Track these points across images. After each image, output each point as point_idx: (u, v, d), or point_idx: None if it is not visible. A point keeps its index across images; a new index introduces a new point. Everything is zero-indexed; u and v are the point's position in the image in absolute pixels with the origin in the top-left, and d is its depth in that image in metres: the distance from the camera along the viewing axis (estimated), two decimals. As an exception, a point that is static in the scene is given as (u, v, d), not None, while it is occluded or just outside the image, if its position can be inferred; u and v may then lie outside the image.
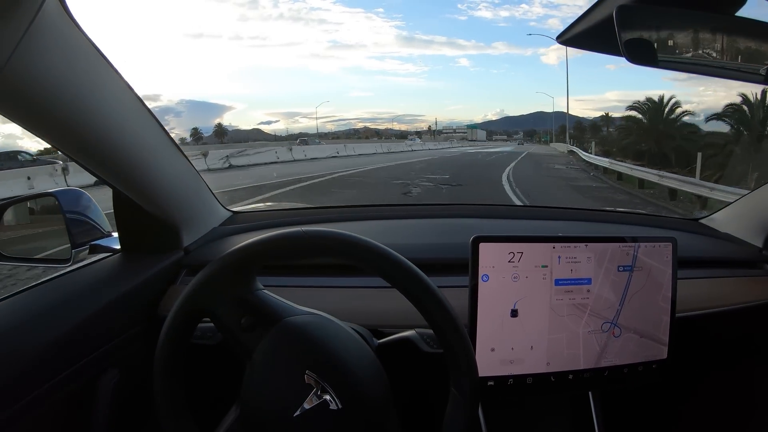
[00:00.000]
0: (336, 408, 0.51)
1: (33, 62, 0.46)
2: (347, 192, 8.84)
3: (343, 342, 0.56)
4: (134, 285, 0.73)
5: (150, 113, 0.69)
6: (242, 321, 0.53)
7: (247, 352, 0.53)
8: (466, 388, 0.52)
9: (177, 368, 0.54)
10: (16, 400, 0.54)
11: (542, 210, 1.18)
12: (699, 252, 0.97)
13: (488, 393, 0.70)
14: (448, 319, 0.52)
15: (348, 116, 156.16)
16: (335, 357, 0.53)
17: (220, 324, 0.54)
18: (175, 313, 0.53)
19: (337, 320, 0.58)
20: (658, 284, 0.74)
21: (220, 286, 0.53)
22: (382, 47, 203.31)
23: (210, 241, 0.91)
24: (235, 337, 0.54)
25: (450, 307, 0.52)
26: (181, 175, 0.81)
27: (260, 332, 0.53)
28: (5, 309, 0.61)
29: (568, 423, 0.84)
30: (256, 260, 0.54)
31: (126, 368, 0.70)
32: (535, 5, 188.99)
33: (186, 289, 0.53)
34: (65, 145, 0.59)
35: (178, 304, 0.53)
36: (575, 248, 0.70)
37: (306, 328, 0.54)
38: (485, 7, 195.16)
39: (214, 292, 0.53)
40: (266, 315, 0.54)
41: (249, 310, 0.54)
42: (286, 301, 0.57)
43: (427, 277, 0.52)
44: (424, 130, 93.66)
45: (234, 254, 0.53)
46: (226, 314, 0.53)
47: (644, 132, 18.47)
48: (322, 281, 0.82)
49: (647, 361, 0.74)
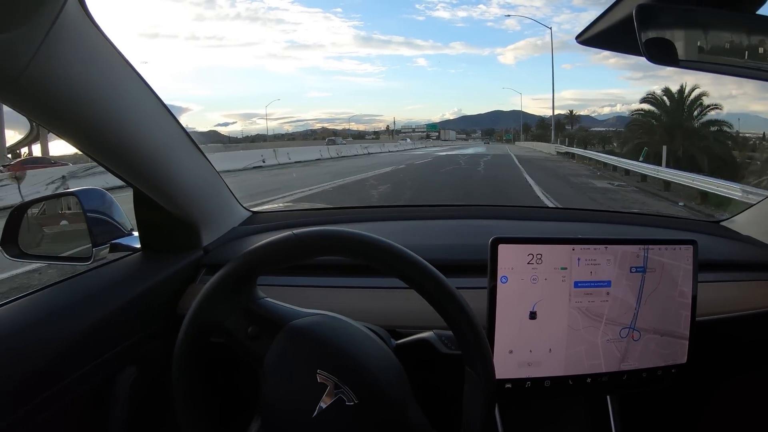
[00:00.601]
0: (352, 403, 0.51)
1: (54, 63, 0.47)
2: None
3: (351, 337, 0.56)
4: (154, 283, 0.74)
5: (169, 113, 0.70)
6: (249, 330, 0.54)
7: (258, 361, 0.54)
8: (482, 391, 0.52)
9: (195, 370, 0.55)
10: (37, 394, 0.55)
11: (561, 211, 1.17)
12: (720, 255, 0.95)
13: (506, 395, 0.69)
14: (465, 319, 0.52)
15: (306, 117, 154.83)
16: (344, 353, 0.54)
17: (229, 337, 0.55)
18: (184, 333, 0.54)
19: (346, 318, 0.59)
20: (675, 285, 0.72)
21: (223, 300, 0.54)
22: (340, 47, 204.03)
23: (229, 241, 0.92)
24: (245, 348, 0.54)
25: (468, 308, 0.52)
26: (201, 174, 0.82)
27: (267, 340, 0.54)
28: (28, 305, 0.62)
29: (586, 425, 0.83)
30: (257, 269, 0.55)
31: (144, 365, 0.71)
32: (493, 6, 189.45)
33: (191, 308, 0.54)
34: (86, 146, 0.60)
35: (185, 324, 0.54)
36: (595, 250, 0.69)
37: (311, 329, 0.55)
38: (443, 8, 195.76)
39: (217, 306, 0.54)
40: (271, 322, 0.55)
41: (254, 320, 0.55)
42: (290, 306, 0.58)
43: (445, 278, 0.52)
44: (382, 129, 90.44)
45: (231, 267, 0.54)
46: (232, 326, 0.54)
47: (665, 129, 15.68)
48: (339, 281, 0.82)
49: (667, 365, 0.73)
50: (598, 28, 0.70)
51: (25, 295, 0.63)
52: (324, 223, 1.04)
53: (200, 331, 0.54)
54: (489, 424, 0.54)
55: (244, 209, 1.04)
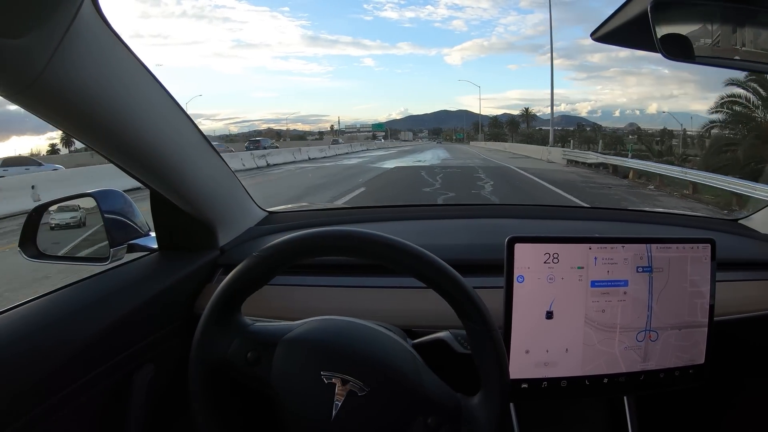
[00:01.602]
0: (365, 392, 0.51)
1: (70, 67, 0.47)
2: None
3: (344, 331, 0.57)
4: (171, 283, 0.75)
5: (185, 114, 0.71)
6: (248, 356, 0.55)
7: (264, 384, 0.54)
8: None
9: (215, 406, 0.56)
10: (56, 391, 0.56)
11: (578, 210, 1.16)
12: (738, 253, 0.93)
13: (522, 395, 0.69)
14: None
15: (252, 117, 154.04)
16: (339, 348, 0.54)
17: (232, 368, 0.55)
18: (193, 378, 0.55)
19: (339, 317, 0.59)
20: (686, 277, 0.71)
21: (216, 334, 0.55)
22: (287, 47, 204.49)
23: (245, 241, 0.92)
24: (250, 375, 0.55)
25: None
26: (217, 175, 0.83)
27: (267, 361, 0.54)
28: (47, 305, 0.63)
29: (602, 425, 0.82)
30: (236, 296, 0.56)
31: (161, 364, 0.72)
32: (441, 7, 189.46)
33: (192, 350, 0.55)
34: (103, 147, 0.61)
35: (192, 368, 0.55)
36: (612, 249, 0.69)
37: (302, 338, 0.55)
38: (391, 8, 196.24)
39: (214, 342, 0.55)
40: (266, 343, 0.55)
41: (250, 345, 0.55)
42: (280, 323, 0.58)
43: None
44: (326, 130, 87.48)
45: (213, 301, 0.55)
46: (233, 357, 0.55)
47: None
48: (353, 281, 0.82)
49: (684, 366, 0.72)
50: (612, 25, 0.69)
51: (43, 295, 0.64)
52: (339, 222, 1.05)
53: (207, 370, 0.55)
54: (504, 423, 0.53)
55: (260, 209, 1.04)
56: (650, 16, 0.61)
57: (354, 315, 0.61)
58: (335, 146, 31.25)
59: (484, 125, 60.81)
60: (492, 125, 54.27)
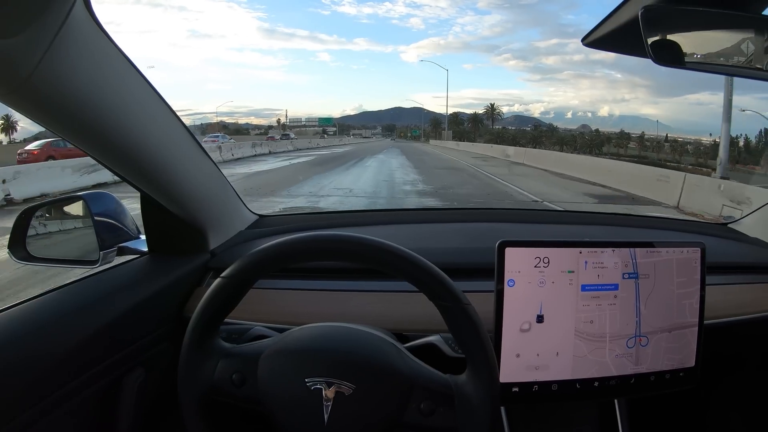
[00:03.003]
0: (351, 390, 0.52)
1: (61, 67, 0.47)
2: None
3: (323, 335, 0.57)
4: (161, 286, 0.75)
5: (175, 116, 0.71)
6: (233, 378, 0.55)
7: (255, 402, 0.55)
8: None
9: None
10: (46, 395, 0.56)
11: (569, 214, 1.17)
12: (728, 257, 0.94)
13: (513, 399, 0.69)
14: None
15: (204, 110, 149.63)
16: (320, 351, 0.54)
17: (220, 393, 0.55)
18: (186, 414, 0.55)
19: (314, 324, 0.59)
20: (673, 280, 0.72)
21: (199, 363, 0.55)
22: (242, 38, 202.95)
23: (236, 245, 0.92)
24: (239, 396, 0.55)
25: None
26: (208, 178, 0.82)
27: (252, 380, 0.55)
28: (36, 308, 0.62)
29: (593, 427, 0.82)
30: (215, 319, 0.56)
31: (152, 368, 0.71)
32: (398, 4, 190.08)
33: (180, 383, 0.55)
34: (93, 149, 0.61)
35: (184, 404, 0.55)
36: (602, 253, 0.69)
37: (282, 350, 0.55)
38: (349, 3, 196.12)
39: (199, 370, 0.55)
40: (247, 362, 0.55)
41: (234, 367, 0.55)
42: (257, 342, 0.58)
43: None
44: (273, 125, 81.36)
45: (189, 329, 0.55)
46: (219, 381, 0.55)
47: None
48: (344, 285, 0.82)
49: (675, 369, 0.72)
50: (603, 31, 0.70)
51: (32, 298, 0.64)
52: (329, 227, 1.05)
53: (198, 400, 0.55)
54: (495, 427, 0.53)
55: (251, 213, 1.04)
56: (641, 22, 0.62)
57: (344, 319, 0.61)
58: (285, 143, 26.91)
59: (441, 122, 58.48)
60: (452, 122, 52.57)
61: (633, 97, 44.24)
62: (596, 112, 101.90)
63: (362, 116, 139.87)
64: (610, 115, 53.67)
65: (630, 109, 56.67)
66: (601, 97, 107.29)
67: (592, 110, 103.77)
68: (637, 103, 52.86)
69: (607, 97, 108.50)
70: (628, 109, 66.29)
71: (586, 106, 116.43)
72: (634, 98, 46.10)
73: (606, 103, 51.85)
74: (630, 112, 48.82)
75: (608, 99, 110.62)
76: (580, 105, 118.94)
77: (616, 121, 33.07)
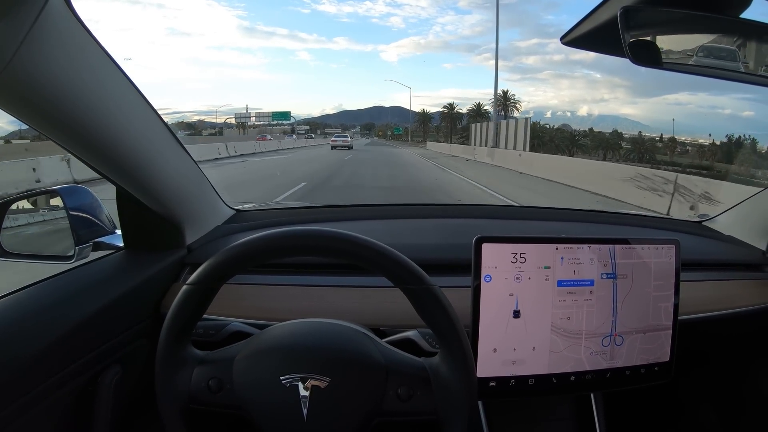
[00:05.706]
0: (326, 383, 0.52)
1: (37, 59, 0.46)
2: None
3: (293, 332, 0.57)
4: (137, 282, 0.74)
5: (153, 111, 0.70)
6: (210, 385, 0.54)
7: (235, 407, 0.54)
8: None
9: None
10: (20, 395, 0.55)
11: (545, 211, 1.17)
12: (702, 254, 0.96)
13: (490, 393, 0.70)
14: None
15: (183, 109, 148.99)
16: (291, 348, 0.54)
17: (199, 401, 0.55)
18: (168, 422, 0.54)
19: (285, 323, 0.59)
20: (650, 282, 0.73)
21: (175, 369, 0.54)
22: (222, 37, 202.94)
23: (213, 240, 0.91)
24: (218, 403, 0.54)
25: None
26: (184, 172, 0.81)
27: (228, 384, 0.54)
28: (9, 305, 0.61)
29: (570, 423, 0.84)
30: (188, 324, 0.55)
31: (128, 364, 0.70)
32: (379, 3, 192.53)
33: (158, 393, 0.54)
34: (68, 142, 0.59)
35: (166, 416, 0.54)
36: (578, 249, 0.70)
37: (254, 351, 0.55)
38: (329, 2, 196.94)
39: (176, 377, 0.54)
40: (221, 367, 0.55)
41: (209, 374, 0.55)
42: (231, 346, 0.58)
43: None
44: (231, 124, 78.04)
45: (163, 342, 0.54)
46: (196, 389, 0.54)
47: None
48: (324, 280, 0.82)
49: (649, 363, 0.74)
50: (582, 30, 0.70)
51: (5, 295, 0.62)
52: (305, 222, 1.04)
53: (178, 411, 0.54)
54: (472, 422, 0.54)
55: (228, 207, 1.03)
56: (620, 22, 0.62)
57: (322, 314, 0.61)
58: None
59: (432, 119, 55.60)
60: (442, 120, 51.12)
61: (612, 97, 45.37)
62: (575, 112, 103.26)
63: (342, 115, 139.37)
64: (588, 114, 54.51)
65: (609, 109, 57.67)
66: (580, 96, 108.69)
67: (571, 110, 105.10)
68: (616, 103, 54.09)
69: (586, 97, 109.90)
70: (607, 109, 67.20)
71: (566, 106, 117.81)
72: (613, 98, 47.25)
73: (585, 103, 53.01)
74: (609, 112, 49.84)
75: (587, 99, 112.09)
76: (559, 105, 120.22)
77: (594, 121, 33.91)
